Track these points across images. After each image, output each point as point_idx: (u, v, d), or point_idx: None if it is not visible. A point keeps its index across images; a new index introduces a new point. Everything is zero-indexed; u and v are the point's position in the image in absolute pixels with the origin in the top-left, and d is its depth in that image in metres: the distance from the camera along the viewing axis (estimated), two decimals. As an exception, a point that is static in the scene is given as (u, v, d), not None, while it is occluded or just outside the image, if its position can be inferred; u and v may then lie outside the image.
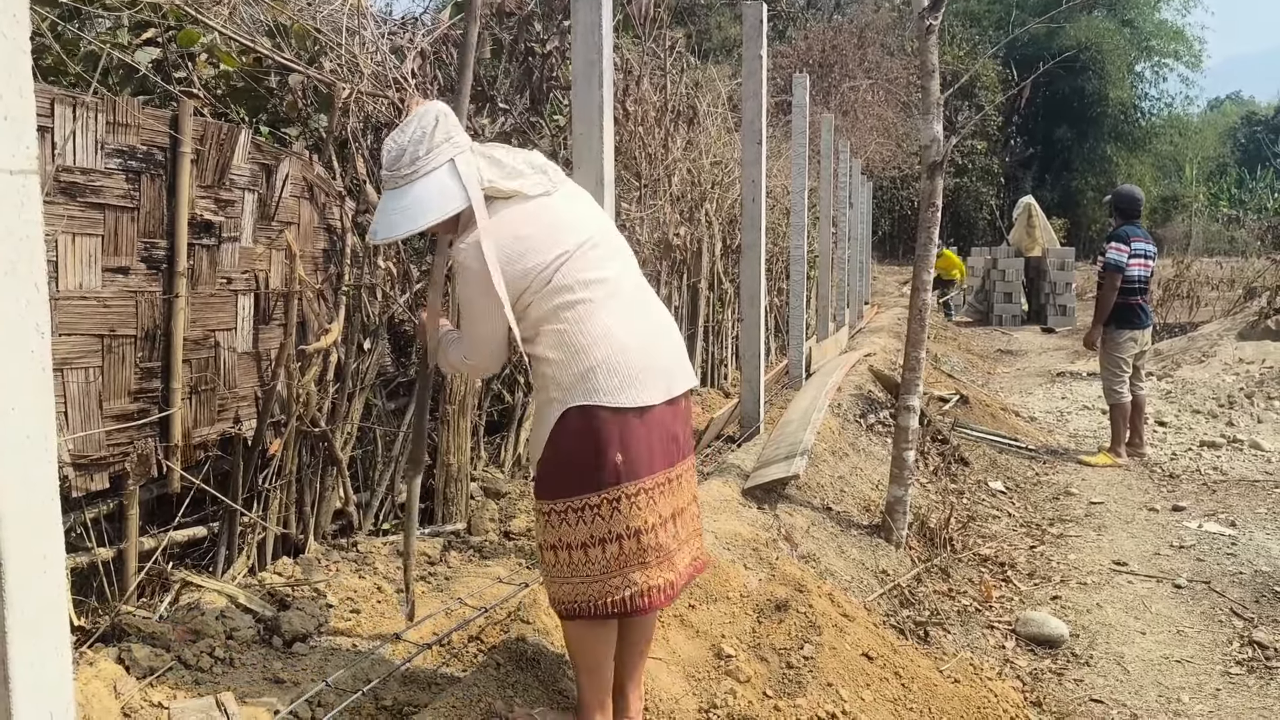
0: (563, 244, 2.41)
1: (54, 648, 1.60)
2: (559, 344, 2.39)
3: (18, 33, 1.52)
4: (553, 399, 2.41)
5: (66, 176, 2.71)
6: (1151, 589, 5.15)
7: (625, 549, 2.42)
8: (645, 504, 2.42)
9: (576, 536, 2.42)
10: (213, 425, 3.35)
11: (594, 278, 2.42)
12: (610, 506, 2.39)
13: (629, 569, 2.44)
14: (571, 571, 2.45)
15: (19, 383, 1.53)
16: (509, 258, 2.36)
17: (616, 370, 2.37)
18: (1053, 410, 10.54)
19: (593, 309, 2.40)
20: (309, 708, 2.64)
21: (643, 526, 2.42)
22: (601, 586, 2.44)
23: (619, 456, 2.37)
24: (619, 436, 2.37)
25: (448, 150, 2.40)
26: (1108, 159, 36.92)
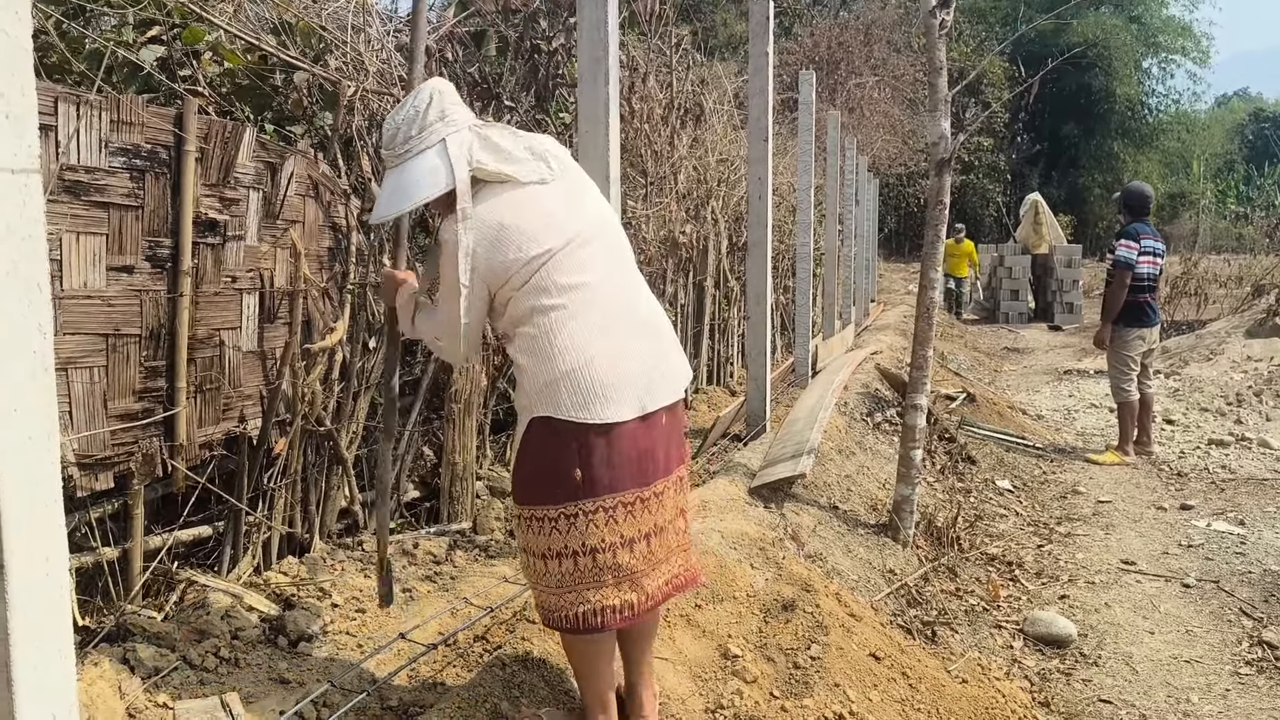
0: (547, 241, 2.32)
1: (57, 650, 1.59)
2: (530, 349, 2.33)
3: (19, 30, 1.51)
4: (523, 406, 2.37)
5: (70, 175, 2.70)
6: (1160, 588, 5.13)
7: (580, 566, 2.34)
8: (604, 523, 2.33)
9: (538, 545, 2.36)
10: (218, 424, 3.34)
11: (573, 282, 2.34)
12: (567, 521, 2.32)
13: (583, 586, 2.36)
14: (537, 579, 2.41)
15: (21, 384, 1.51)
16: (490, 244, 2.30)
17: (580, 385, 2.29)
18: (1060, 408, 10.50)
19: (564, 317, 2.31)
20: (314, 708, 2.64)
21: (599, 545, 2.34)
22: (558, 599, 2.38)
23: (578, 473, 2.29)
24: (577, 452, 2.29)
25: (440, 129, 2.36)
26: (1115, 156, 36.82)
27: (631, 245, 6.26)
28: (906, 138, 24.52)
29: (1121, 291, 7.67)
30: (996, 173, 33.97)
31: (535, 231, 2.33)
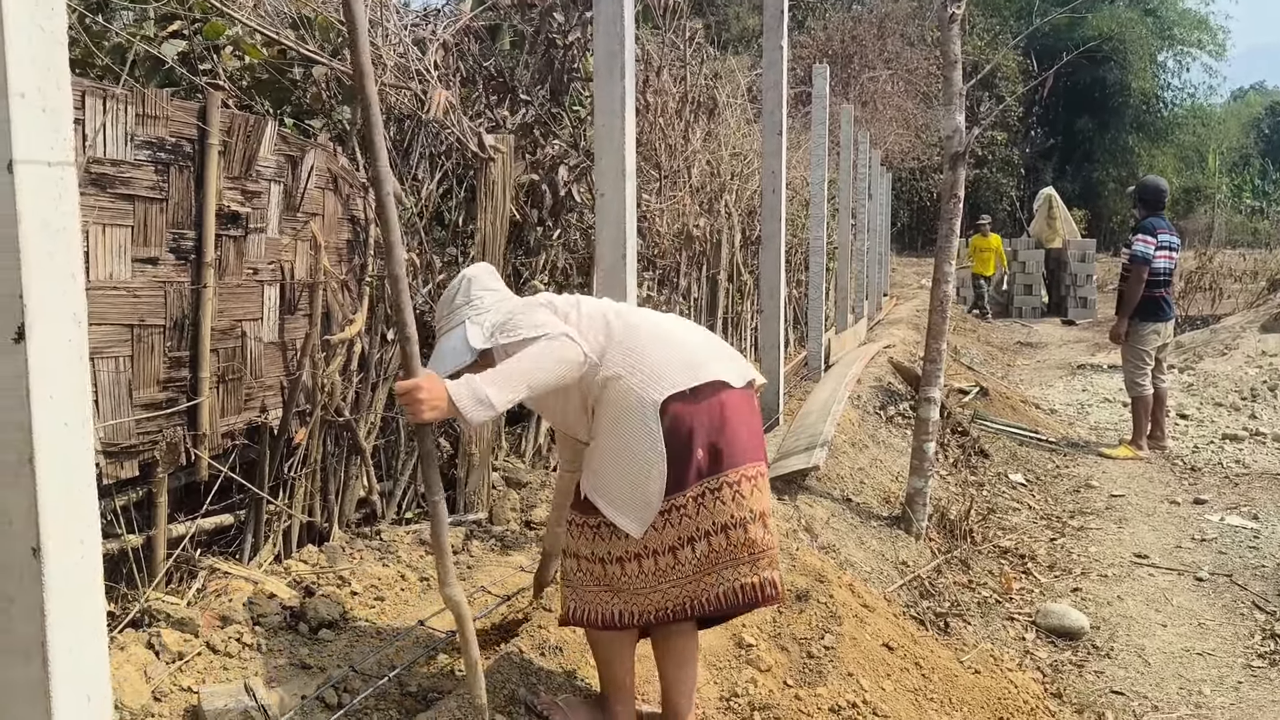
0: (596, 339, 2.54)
1: (91, 632, 1.64)
2: (617, 374, 2.48)
3: (55, 25, 1.55)
4: (619, 415, 2.48)
5: (97, 168, 2.74)
6: (1173, 582, 5.14)
7: (714, 545, 2.48)
8: (730, 498, 2.48)
9: (664, 540, 2.46)
10: (239, 414, 3.39)
11: (634, 322, 2.61)
12: (695, 504, 2.46)
13: (721, 567, 2.49)
14: (643, 578, 2.49)
15: (58, 371, 1.56)
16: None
17: (679, 359, 2.54)
18: (1073, 403, 10.49)
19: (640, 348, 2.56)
20: (335, 693, 2.68)
21: (729, 522, 2.48)
22: (680, 590, 2.49)
23: (699, 452, 2.45)
24: (705, 426, 2.47)
25: (465, 312, 2.59)
26: (1129, 150, 36.61)
27: (645, 239, 6.24)
28: (920, 132, 24.46)
29: (1139, 286, 7.66)
30: (1010, 167, 33.84)
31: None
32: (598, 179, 3.61)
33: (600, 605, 2.53)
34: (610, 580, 2.51)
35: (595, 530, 2.50)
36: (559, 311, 2.57)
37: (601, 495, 2.46)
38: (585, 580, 2.55)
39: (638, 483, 2.42)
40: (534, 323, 2.46)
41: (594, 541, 2.51)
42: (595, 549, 2.51)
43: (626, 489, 2.43)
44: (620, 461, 2.43)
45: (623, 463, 2.43)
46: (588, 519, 2.51)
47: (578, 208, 5.41)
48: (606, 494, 2.45)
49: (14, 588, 1.55)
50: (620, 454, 2.43)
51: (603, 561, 2.51)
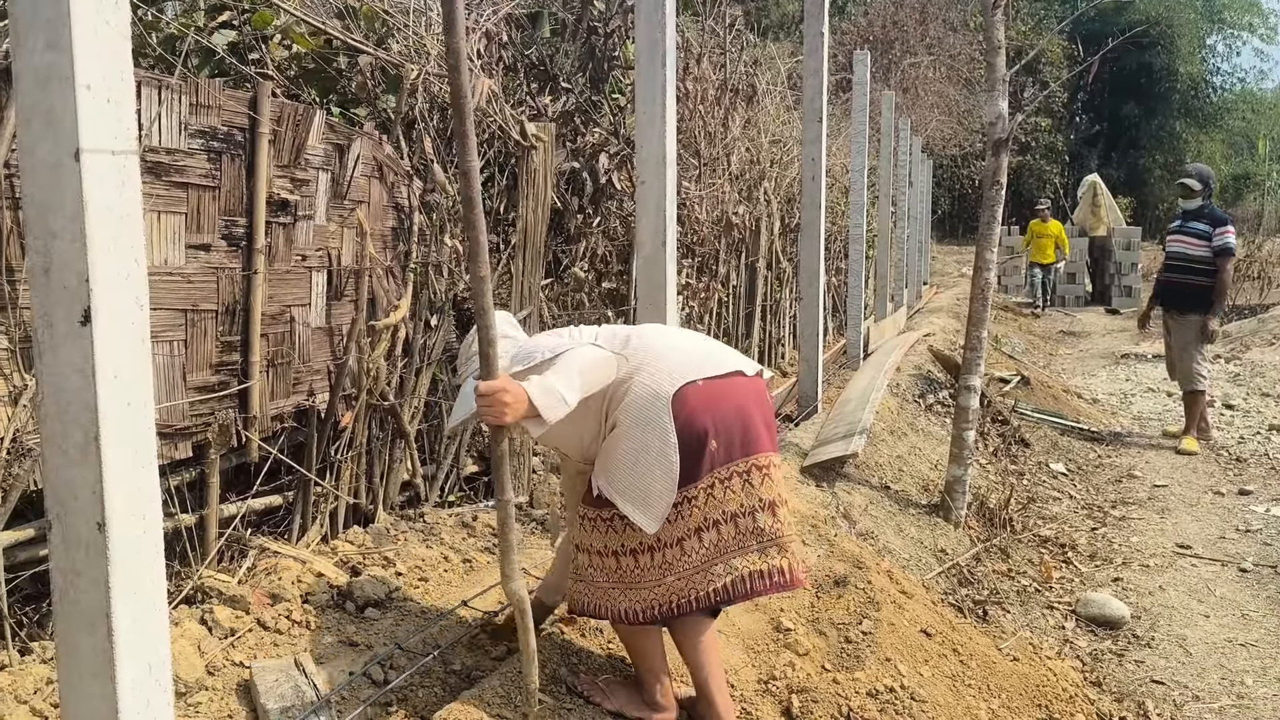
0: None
1: (152, 605, 1.70)
2: (627, 381, 2.53)
3: (119, 20, 1.60)
4: (634, 417, 2.51)
5: (152, 157, 2.81)
6: (1216, 572, 5.10)
7: (722, 534, 2.51)
8: (740, 487, 2.53)
9: (674, 532, 2.49)
10: (288, 397, 3.46)
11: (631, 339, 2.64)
12: (705, 494, 2.50)
13: (729, 555, 2.52)
14: (666, 567, 2.50)
15: (121, 352, 1.61)
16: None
17: (680, 358, 2.60)
18: (1116, 392, 10.38)
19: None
20: (381, 669, 2.74)
21: (738, 510, 2.52)
22: (700, 577, 2.51)
23: (713, 443, 2.49)
24: (709, 417, 2.50)
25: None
26: (1177, 136, 35.91)
27: (684, 226, 6.26)
28: (962, 118, 24.19)
29: (1230, 279, 7.53)
30: (1054, 153, 33.36)
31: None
32: (638, 166, 3.64)
33: (611, 601, 2.56)
34: (623, 574, 2.54)
35: (608, 523, 2.54)
36: (574, 336, 2.62)
37: (617, 491, 2.47)
38: (598, 576, 2.58)
39: (651, 477, 2.45)
40: (550, 345, 2.50)
41: (606, 535, 2.54)
42: (608, 542, 2.54)
43: (640, 484, 2.46)
44: (634, 457, 2.46)
45: (637, 458, 2.46)
46: (600, 512, 2.54)
47: (618, 195, 5.44)
48: (621, 489, 2.47)
49: (80, 561, 1.62)
50: (635, 449, 2.46)
51: (616, 554, 2.54)
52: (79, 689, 1.65)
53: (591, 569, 2.59)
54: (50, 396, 1.58)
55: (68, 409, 1.58)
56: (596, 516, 2.55)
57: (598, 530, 2.56)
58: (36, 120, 1.52)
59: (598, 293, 5.35)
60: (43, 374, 1.58)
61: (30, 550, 2.72)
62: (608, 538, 2.54)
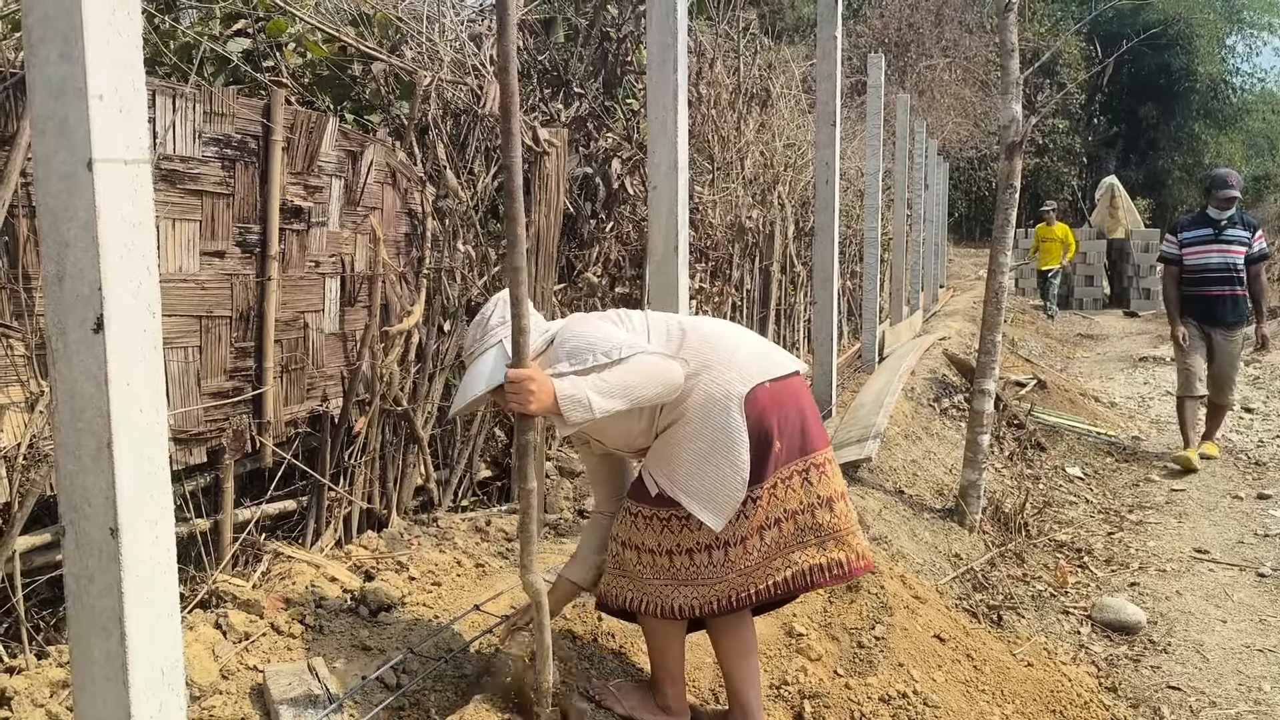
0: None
1: (165, 609, 1.71)
2: (693, 375, 2.51)
3: (131, 30, 1.62)
4: (700, 411, 2.49)
5: (167, 164, 2.84)
6: (1234, 577, 5.06)
7: (783, 531, 2.53)
8: (800, 485, 2.55)
9: (740, 530, 2.49)
10: (302, 403, 3.48)
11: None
12: (768, 494, 2.50)
13: (789, 550, 2.54)
14: (727, 565, 2.50)
15: (133, 359, 1.63)
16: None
17: (747, 352, 2.60)
18: (1134, 395, 10.32)
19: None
20: (394, 673, 2.75)
21: (799, 508, 2.55)
22: (756, 573, 2.52)
23: (777, 444, 2.50)
24: (774, 417, 2.51)
25: (499, 332, 2.47)
26: (1196, 137, 35.62)
27: (698, 231, 6.25)
28: (978, 120, 24.09)
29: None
30: (1072, 155, 33.17)
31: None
32: (650, 172, 3.65)
33: (662, 597, 2.54)
34: (676, 571, 2.51)
35: (665, 523, 2.51)
36: (631, 329, 2.55)
37: (683, 490, 2.44)
38: (646, 573, 2.55)
39: (721, 477, 2.43)
40: (612, 343, 2.42)
41: (661, 534, 2.51)
42: (663, 541, 2.52)
43: (710, 484, 2.43)
44: (703, 457, 2.44)
45: (706, 458, 2.44)
46: (657, 511, 2.51)
47: (630, 200, 5.45)
48: (688, 489, 2.44)
49: (94, 566, 1.63)
50: (703, 449, 2.44)
51: (670, 554, 2.51)
52: (92, 692, 1.66)
53: (640, 566, 2.56)
54: (64, 403, 1.60)
55: (81, 415, 1.60)
56: (653, 515, 2.53)
57: (651, 529, 2.53)
58: (50, 130, 1.54)
59: (610, 297, 5.36)
60: (56, 381, 1.60)
61: (46, 555, 2.75)
62: (662, 536, 2.52)
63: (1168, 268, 7.39)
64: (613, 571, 2.65)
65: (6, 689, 2.47)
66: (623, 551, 2.61)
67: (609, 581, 2.65)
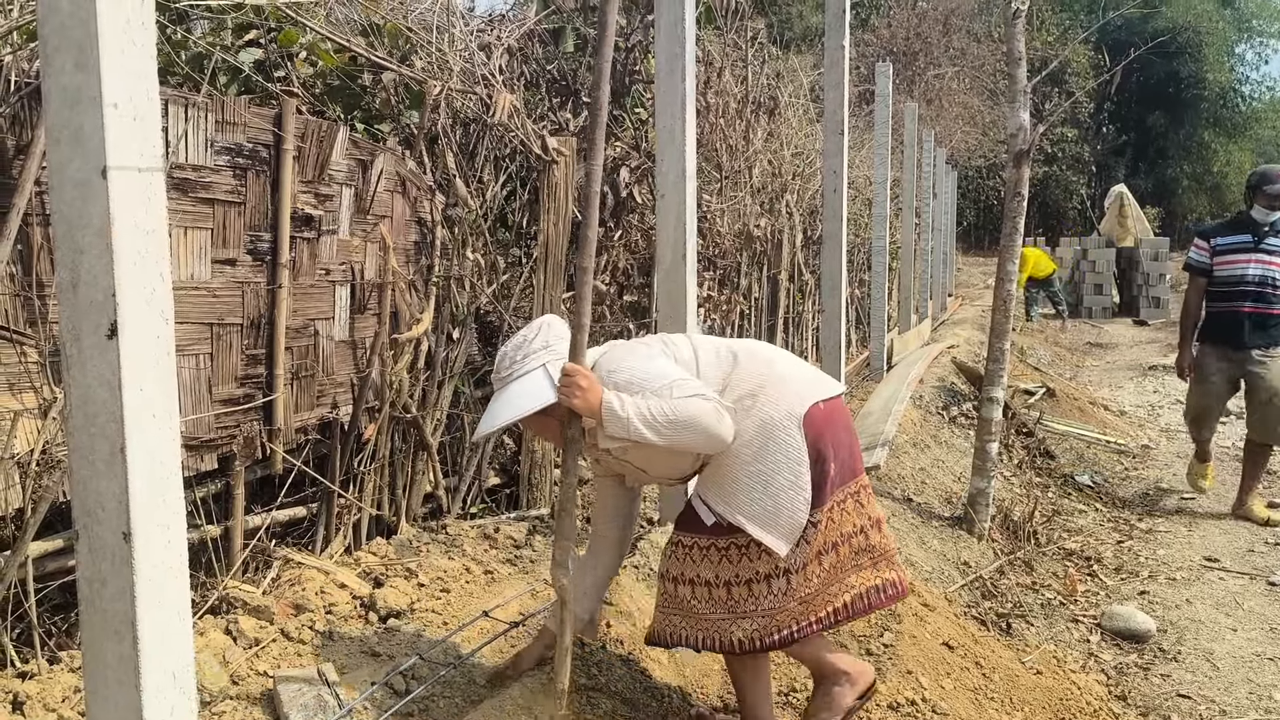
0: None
1: (176, 613, 1.72)
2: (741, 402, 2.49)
3: (145, 39, 1.63)
4: (756, 434, 2.44)
5: (179, 173, 2.86)
6: (1244, 586, 5.04)
7: (840, 555, 2.52)
8: (853, 508, 2.55)
9: (798, 558, 2.44)
10: (312, 410, 3.50)
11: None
12: (825, 516, 2.48)
13: (845, 573, 2.54)
14: (788, 593, 2.45)
15: (146, 365, 1.65)
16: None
17: (796, 377, 2.58)
18: (1144, 404, 10.29)
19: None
20: (403, 679, 2.76)
21: (853, 530, 2.55)
22: (816, 600, 2.50)
23: (831, 466, 2.47)
24: (827, 438, 2.48)
25: (543, 356, 2.43)
26: (1205, 146, 35.61)
27: (706, 239, 6.25)
28: (987, 129, 24.10)
29: None
30: (1080, 164, 33.17)
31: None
32: (658, 181, 3.66)
33: (721, 631, 2.47)
34: (734, 604, 2.45)
35: (723, 553, 2.44)
36: (680, 357, 2.50)
37: (746, 516, 2.39)
38: (702, 607, 2.48)
39: (785, 499, 2.38)
40: (664, 379, 2.37)
41: (720, 565, 2.45)
42: (720, 573, 2.45)
43: (773, 507, 2.38)
44: (766, 479, 2.39)
45: (769, 480, 2.39)
46: (715, 541, 2.45)
47: (639, 209, 5.47)
48: (752, 514, 2.39)
49: (107, 570, 1.65)
50: (766, 472, 2.39)
51: (729, 585, 2.45)
52: (104, 696, 1.67)
53: (695, 600, 2.48)
54: (78, 408, 1.62)
55: (95, 420, 1.61)
56: (710, 545, 2.46)
57: (709, 560, 2.46)
58: (65, 139, 1.56)
59: (619, 305, 5.37)
60: (70, 386, 1.62)
61: (59, 560, 2.77)
62: (720, 568, 2.45)
63: (1194, 279, 6.23)
64: (666, 610, 2.57)
65: (19, 693, 2.49)
66: (675, 588, 2.52)
67: (661, 621, 2.58)
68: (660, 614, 2.58)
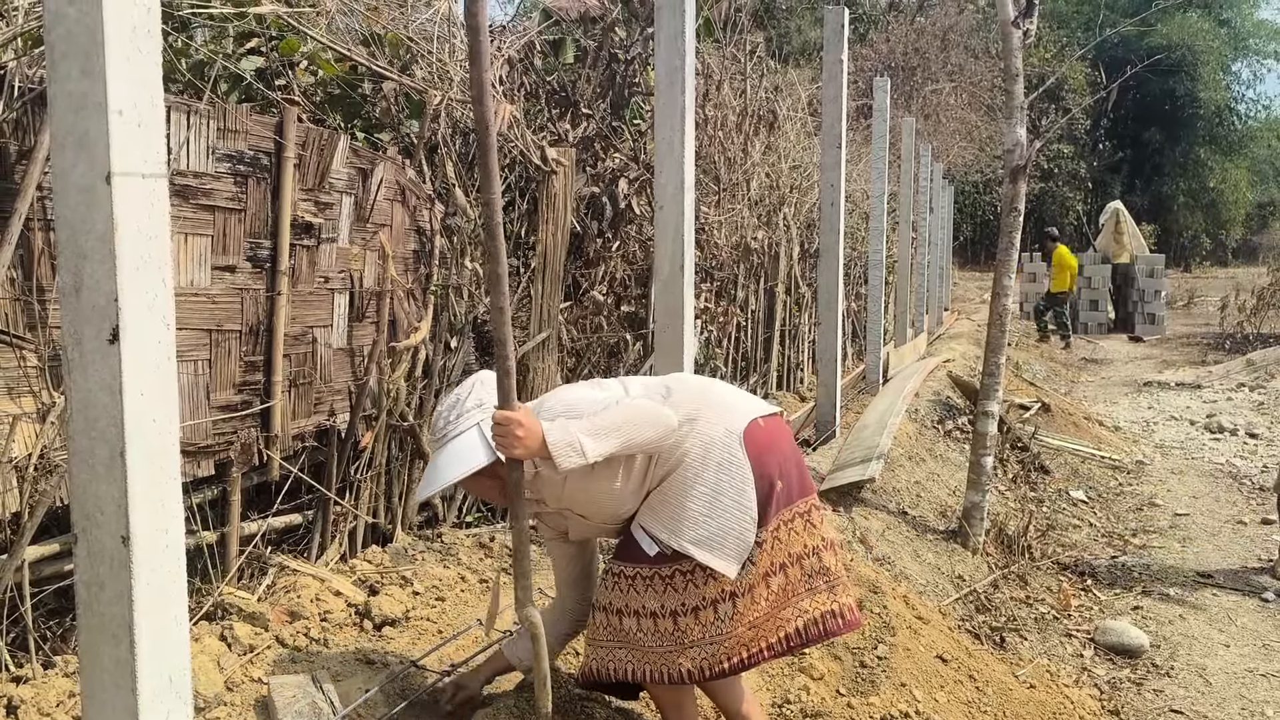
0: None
1: (174, 618, 1.73)
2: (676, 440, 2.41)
3: (150, 47, 1.65)
4: (698, 462, 2.40)
5: (180, 180, 2.87)
6: (1237, 602, 5.05)
7: (790, 576, 2.45)
8: (803, 528, 2.49)
9: (745, 580, 2.39)
10: (309, 417, 3.51)
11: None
12: (771, 536, 2.42)
13: (799, 596, 2.46)
14: (734, 617, 2.38)
15: (147, 370, 1.65)
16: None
17: (723, 403, 2.52)
18: (1139, 420, 10.31)
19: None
20: (397, 686, 2.76)
21: (804, 551, 2.49)
22: (774, 621, 2.44)
23: (779, 483, 2.43)
24: (773, 456, 2.45)
25: (476, 415, 2.35)
26: (1201, 163, 35.73)
27: (703, 251, 6.27)
28: (984, 144, 24.18)
29: None
30: (1077, 180, 33.27)
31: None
32: (657, 192, 3.68)
33: (669, 664, 2.39)
34: (681, 634, 2.37)
35: (667, 581, 2.37)
36: (608, 390, 2.48)
37: (692, 541, 2.32)
38: (648, 640, 2.39)
39: (732, 519, 2.33)
40: (593, 401, 2.37)
41: (664, 594, 2.37)
42: (665, 602, 2.37)
43: (719, 528, 2.33)
44: (710, 501, 2.34)
45: (713, 501, 2.34)
46: (658, 569, 2.37)
47: (637, 220, 5.49)
48: (697, 539, 2.32)
49: (105, 574, 1.65)
50: (709, 493, 2.34)
51: (674, 615, 2.37)
52: (102, 700, 1.68)
53: (641, 633, 2.39)
54: (79, 412, 1.62)
55: (95, 424, 1.62)
56: (653, 575, 2.38)
57: (653, 590, 2.38)
58: (70, 145, 1.57)
59: (616, 316, 5.38)
60: (72, 390, 1.63)
61: (54, 565, 2.77)
62: (665, 597, 2.37)
63: None
64: (607, 644, 2.46)
65: (13, 698, 2.49)
66: (619, 620, 2.43)
67: (602, 656, 2.46)
68: (598, 648, 2.47)
